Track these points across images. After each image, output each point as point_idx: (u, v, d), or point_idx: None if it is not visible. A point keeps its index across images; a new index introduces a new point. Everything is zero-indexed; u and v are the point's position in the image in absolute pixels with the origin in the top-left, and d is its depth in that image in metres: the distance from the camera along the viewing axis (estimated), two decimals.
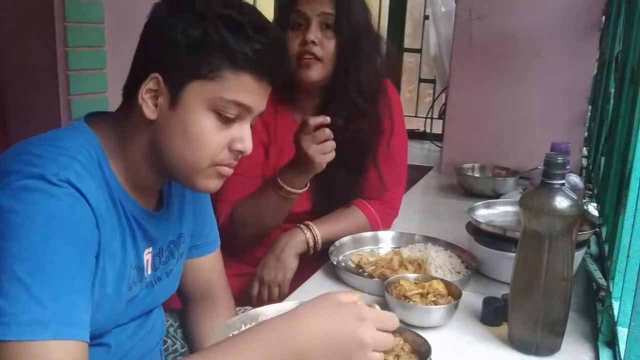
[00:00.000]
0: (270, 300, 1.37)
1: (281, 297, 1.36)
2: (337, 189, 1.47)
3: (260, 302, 1.35)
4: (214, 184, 0.89)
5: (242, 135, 0.87)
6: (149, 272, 0.94)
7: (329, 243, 1.39)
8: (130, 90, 0.86)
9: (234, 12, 0.82)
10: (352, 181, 1.49)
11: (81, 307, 0.72)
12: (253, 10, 0.85)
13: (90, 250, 0.76)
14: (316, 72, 1.35)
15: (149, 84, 0.82)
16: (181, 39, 0.80)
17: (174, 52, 0.81)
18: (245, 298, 1.37)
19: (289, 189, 1.29)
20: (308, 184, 1.33)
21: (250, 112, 0.86)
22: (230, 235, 1.34)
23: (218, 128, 0.84)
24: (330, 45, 1.35)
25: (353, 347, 0.70)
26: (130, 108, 0.85)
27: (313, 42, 1.33)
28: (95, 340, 0.85)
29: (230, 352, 0.70)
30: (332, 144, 1.26)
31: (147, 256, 0.93)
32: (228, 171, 0.89)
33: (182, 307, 1.15)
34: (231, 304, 1.16)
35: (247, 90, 0.84)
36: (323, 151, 1.25)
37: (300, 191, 1.31)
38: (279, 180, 1.30)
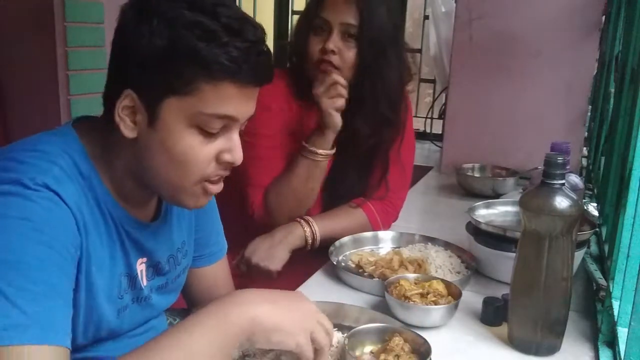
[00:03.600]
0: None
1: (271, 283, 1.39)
2: (345, 190, 1.50)
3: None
4: (202, 202, 0.85)
5: (230, 146, 0.81)
6: (145, 283, 0.92)
7: (328, 240, 1.40)
8: (109, 100, 0.80)
9: (205, 17, 0.75)
10: (360, 181, 1.52)
11: (62, 312, 0.69)
12: (229, 10, 0.77)
13: (70, 254, 0.73)
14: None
15: (124, 102, 0.77)
16: (148, 50, 0.74)
17: (143, 65, 0.76)
18: None
19: (312, 148, 1.35)
20: (334, 147, 1.37)
21: (236, 121, 0.80)
22: (266, 221, 1.38)
23: (202, 143, 0.79)
24: (350, 54, 1.35)
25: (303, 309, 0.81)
26: (112, 119, 0.80)
27: (333, 51, 1.34)
28: (89, 352, 0.84)
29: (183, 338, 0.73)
30: (342, 100, 1.33)
31: (141, 266, 0.91)
32: (216, 189, 0.84)
33: (188, 308, 1.15)
34: None
35: (229, 101, 0.77)
36: (332, 99, 1.32)
37: (325, 152, 1.36)
38: (304, 143, 1.36)
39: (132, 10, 0.78)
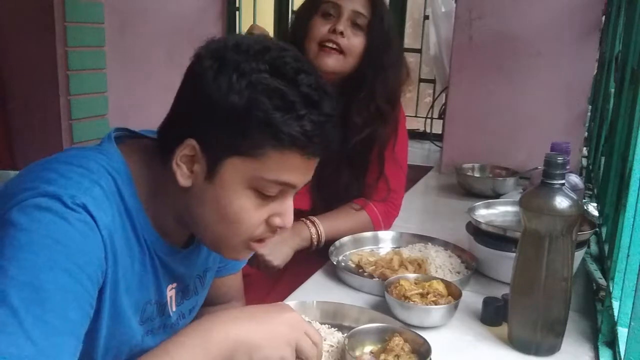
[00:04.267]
0: (266, 298, 1.38)
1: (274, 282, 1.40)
2: (339, 189, 1.50)
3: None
4: (244, 256, 0.86)
5: (282, 210, 0.80)
6: (174, 308, 0.91)
7: (331, 240, 1.40)
8: (167, 141, 0.78)
9: (286, 84, 0.73)
10: (355, 181, 1.51)
11: (71, 349, 0.66)
12: (310, 79, 0.75)
13: (92, 284, 0.71)
14: (334, 63, 1.36)
15: (184, 150, 0.75)
16: (222, 106, 0.72)
17: (214, 119, 0.73)
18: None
19: None
20: None
21: (295, 188, 0.79)
22: None
23: (257, 205, 0.77)
24: (356, 42, 1.37)
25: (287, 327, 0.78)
26: (166, 156, 0.77)
27: (341, 33, 1.34)
28: None
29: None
30: None
31: (171, 292, 0.90)
32: (260, 246, 0.84)
33: None
34: None
35: (292, 169, 0.76)
36: None
37: None
38: None
39: (211, 59, 0.75)
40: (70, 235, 0.68)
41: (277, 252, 1.35)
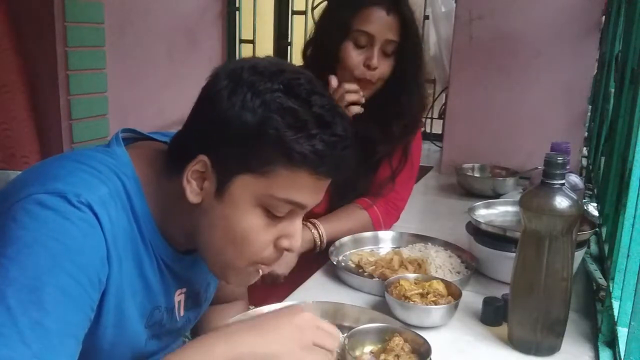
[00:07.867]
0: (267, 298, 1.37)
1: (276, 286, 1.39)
2: (356, 188, 1.51)
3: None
4: (250, 281, 0.85)
5: (290, 232, 0.80)
6: (182, 313, 0.90)
7: (332, 241, 1.40)
8: (179, 155, 0.78)
9: (299, 104, 0.73)
10: (368, 179, 1.53)
11: (67, 352, 0.65)
12: (322, 100, 0.75)
13: (94, 287, 0.70)
14: (368, 93, 1.40)
15: (195, 166, 0.76)
16: (236, 124, 0.73)
17: (226, 136, 0.74)
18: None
19: None
20: None
21: (304, 209, 0.79)
22: None
23: (266, 225, 0.77)
24: (386, 68, 1.39)
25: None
26: (176, 170, 0.78)
27: (375, 67, 1.36)
28: None
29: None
30: (358, 108, 1.37)
31: (179, 297, 0.89)
32: (266, 269, 0.83)
33: None
34: (246, 308, 1.16)
35: (302, 188, 0.76)
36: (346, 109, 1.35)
37: None
38: None
39: (227, 79, 0.75)
40: (72, 235, 0.67)
41: (281, 261, 1.35)
